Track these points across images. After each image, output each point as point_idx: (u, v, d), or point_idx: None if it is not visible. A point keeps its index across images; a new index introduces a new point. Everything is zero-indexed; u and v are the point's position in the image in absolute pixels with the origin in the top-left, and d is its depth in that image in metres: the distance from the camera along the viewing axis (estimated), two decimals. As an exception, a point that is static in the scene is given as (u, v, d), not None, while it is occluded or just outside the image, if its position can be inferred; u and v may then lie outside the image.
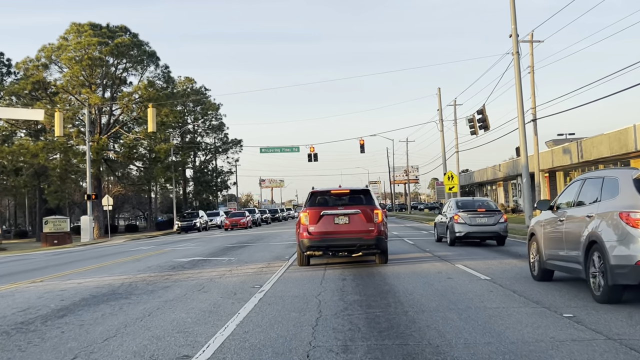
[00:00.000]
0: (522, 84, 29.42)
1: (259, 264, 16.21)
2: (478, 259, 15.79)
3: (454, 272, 12.76)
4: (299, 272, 13.75)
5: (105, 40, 56.53)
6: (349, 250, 14.52)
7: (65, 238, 48.78)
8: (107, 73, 57.74)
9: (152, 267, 17.03)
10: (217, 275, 13.78)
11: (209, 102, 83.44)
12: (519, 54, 29.48)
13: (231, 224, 51.85)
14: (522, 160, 29.42)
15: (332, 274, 13.08)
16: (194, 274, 14.34)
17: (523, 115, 29.37)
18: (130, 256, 22.72)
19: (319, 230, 14.28)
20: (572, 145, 40.99)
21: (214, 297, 10.34)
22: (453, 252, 18.33)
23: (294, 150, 54.19)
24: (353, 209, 14.32)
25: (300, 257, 15.04)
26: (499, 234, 20.84)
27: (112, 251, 28.24)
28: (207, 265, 16.55)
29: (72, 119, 56.99)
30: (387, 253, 15.04)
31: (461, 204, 22.08)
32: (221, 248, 24.33)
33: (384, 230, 14.42)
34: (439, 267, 13.83)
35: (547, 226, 10.42)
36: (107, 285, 12.86)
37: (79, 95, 56.41)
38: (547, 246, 10.30)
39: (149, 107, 30.57)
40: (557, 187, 48.77)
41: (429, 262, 15.26)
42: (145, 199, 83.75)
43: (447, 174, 44.73)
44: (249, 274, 13.79)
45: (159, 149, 57.45)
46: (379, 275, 12.58)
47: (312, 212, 14.44)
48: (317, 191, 15.26)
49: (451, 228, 21.16)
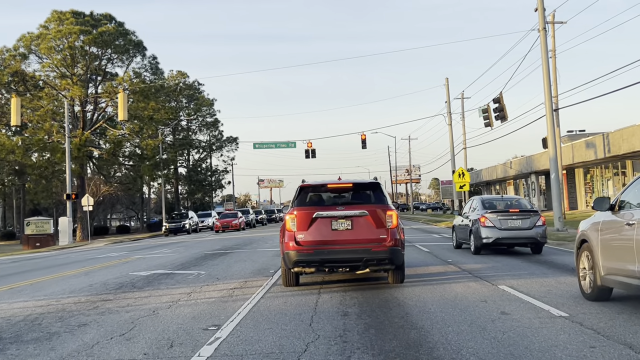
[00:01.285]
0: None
1: (232, 282, 12.27)
2: (524, 275, 11.86)
3: (504, 301, 8.82)
4: (282, 298, 9.82)
5: (88, 29, 52.52)
6: (351, 267, 10.60)
7: (47, 240, 45.17)
8: (91, 64, 53.69)
9: (95, 284, 13.10)
10: (167, 303, 9.84)
11: (203, 97, 79.41)
12: (545, 30, 25.55)
13: (222, 225, 47.85)
14: (551, 151, 25.46)
15: (328, 304, 9.14)
16: (137, 300, 10.40)
17: (551, 101, 25.46)
18: (86, 267, 18.77)
19: (310, 239, 10.35)
20: (596, 139, 37.02)
21: (133, 353, 6.40)
22: (483, 263, 14.40)
23: (290, 145, 50.17)
24: (358, 210, 10.39)
25: (285, 275, 11.09)
26: (536, 240, 16.89)
27: (77, 258, 24.30)
28: (164, 284, 12.61)
29: (54, 113, 52.91)
30: (404, 269, 11.11)
31: (488, 203, 18.14)
32: (198, 256, 20.38)
33: (399, 238, 10.48)
34: (479, 291, 9.89)
35: (608, 232, 8.10)
36: (3, 319, 8.95)
37: (59, 87, 52.38)
38: (608, 257, 7.97)
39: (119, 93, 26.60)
40: (576, 186, 44.83)
41: (459, 280, 11.33)
42: (138, 199, 79.74)
43: (457, 171, 40.69)
44: (212, 301, 9.84)
45: (145, 145, 53.37)
46: (397, 307, 8.64)
47: (302, 213, 10.51)
48: (308, 185, 11.29)
49: (476, 233, 17.22)
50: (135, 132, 56.39)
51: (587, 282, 8.58)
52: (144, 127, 57.09)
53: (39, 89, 52.92)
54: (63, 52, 51.42)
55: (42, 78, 52.25)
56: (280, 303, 9.34)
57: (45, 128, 50.39)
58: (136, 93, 54.03)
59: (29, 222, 47.02)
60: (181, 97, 77.18)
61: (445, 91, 47.40)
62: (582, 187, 45.20)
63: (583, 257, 8.80)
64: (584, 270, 8.75)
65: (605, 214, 8.28)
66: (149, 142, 53.36)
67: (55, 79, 53.14)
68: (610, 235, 7.98)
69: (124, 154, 60.73)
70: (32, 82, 52.75)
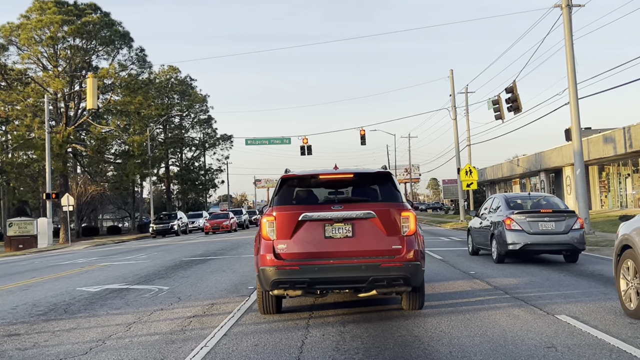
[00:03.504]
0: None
1: (195, 305, 9.34)
2: (578, 296, 8.96)
3: (581, 347, 5.93)
4: (254, 337, 6.89)
5: (71, 19, 49.49)
6: (353, 288, 7.68)
7: (31, 242, 42.57)
8: (74, 56, 50.62)
9: (22, 306, 10.16)
10: (89, 343, 6.91)
11: (195, 93, 76.35)
12: (569, 7, 22.66)
13: (212, 227, 44.84)
14: (575, 144, 22.54)
15: (319, 348, 6.23)
16: (52, 336, 7.47)
17: (575, 87, 22.54)
18: (37, 277, 15.79)
19: (295, 251, 7.44)
20: (616, 133, 34.12)
21: None
22: (516, 277, 11.49)
23: (284, 141, 47.10)
24: (362, 210, 7.47)
25: (262, 298, 8.15)
26: (573, 246, 13.99)
27: (40, 265, 21.36)
28: (108, 306, 9.65)
29: (35, 107, 49.77)
30: (423, 291, 8.17)
31: (514, 202, 15.24)
32: (172, 264, 17.42)
33: (419, 249, 7.56)
34: (533, 326, 6.97)
35: None
36: None
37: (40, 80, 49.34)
38: None
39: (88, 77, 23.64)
40: (590, 184, 41.92)
41: (497, 305, 8.41)
42: (130, 198, 76.64)
43: (464, 168, 37.80)
44: (153, 341, 6.89)
45: (131, 142, 50.31)
46: (423, 356, 5.71)
47: (284, 215, 7.58)
48: (292, 176, 8.26)
49: (500, 237, 14.32)
50: (121, 129, 53.41)
51: (632, 297, 7.31)
52: (131, 123, 54.12)
53: (18, 82, 49.91)
54: (44, 43, 48.42)
55: (22, 70, 49.17)
56: (249, 346, 6.41)
57: (25, 123, 47.41)
58: (122, 87, 51.09)
59: (11, 223, 44.35)
60: (172, 92, 74.09)
61: (450, 84, 44.49)
62: (596, 185, 42.34)
63: (624, 268, 7.57)
64: (628, 284, 7.45)
65: None
66: (135, 139, 50.32)
67: (37, 72, 50.16)
68: None
69: (112, 151, 57.79)
70: (12, 75, 49.70)
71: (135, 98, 50.78)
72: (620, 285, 7.68)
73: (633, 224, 7.58)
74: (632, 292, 7.35)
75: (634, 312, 7.28)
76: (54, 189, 46.32)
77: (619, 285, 7.69)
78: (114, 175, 60.44)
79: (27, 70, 50.09)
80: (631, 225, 7.61)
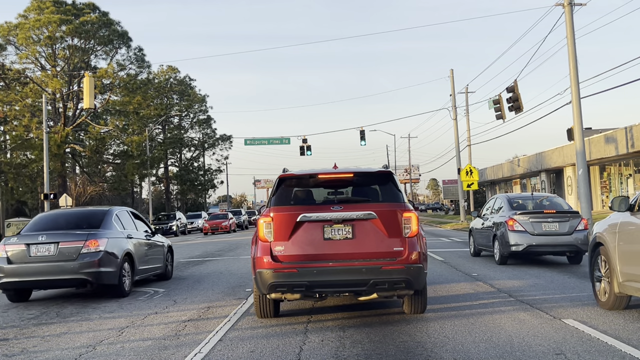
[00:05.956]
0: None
1: (190, 308, 9.09)
2: (584, 299, 8.71)
3: (591, 353, 5.68)
4: (250, 342, 6.64)
5: (69, 18, 49.25)
6: (353, 291, 7.43)
7: (29, 243, 42.01)
8: (72, 56, 50.38)
9: (11, 310, 9.91)
10: (79, 348, 6.65)
11: (194, 93, 76.06)
12: (571, 5, 22.42)
13: (211, 227, 44.57)
14: (578, 144, 22.30)
15: (318, 354, 5.98)
16: (44, 340, 7.21)
17: (578, 86, 22.30)
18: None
19: (293, 253, 7.19)
20: (618, 133, 33.88)
21: None
22: (520, 279, 11.24)
23: (283, 141, 46.80)
24: (362, 211, 7.21)
25: (259, 302, 7.89)
26: (578, 247, 13.76)
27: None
28: (102, 309, 9.40)
29: (33, 107, 49.52)
30: (426, 294, 7.92)
31: (517, 203, 15.02)
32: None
33: (421, 251, 7.30)
34: (540, 330, 6.72)
35: (627, 234, 7.37)
36: None
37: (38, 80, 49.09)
38: (627, 263, 7.24)
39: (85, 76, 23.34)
40: (591, 184, 41.65)
41: (501, 308, 8.16)
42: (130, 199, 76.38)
43: (464, 169, 37.57)
44: (145, 347, 6.64)
45: (130, 142, 50.04)
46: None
47: (281, 216, 7.34)
48: (290, 175, 8.02)
49: (503, 238, 14.07)
50: (120, 129, 53.16)
51: (602, 289, 7.93)
52: (129, 123, 53.86)
53: (16, 82, 49.66)
54: (42, 43, 48.18)
55: (20, 70, 48.95)
56: (244, 353, 6.16)
57: (23, 123, 47.17)
58: (120, 87, 50.85)
59: (9, 224, 43.88)
60: (171, 92, 73.82)
61: (450, 84, 44.24)
62: (597, 185, 42.10)
63: (598, 262, 8.12)
64: (598, 277, 8.08)
65: (623, 215, 7.60)
66: (133, 139, 50.07)
67: (35, 72, 49.93)
68: (630, 238, 7.30)
69: (110, 151, 57.53)
70: (10, 75, 49.45)
71: (134, 98, 50.57)
72: (593, 279, 8.27)
73: (606, 223, 8.03)
74: (603, 285, 7.91)
75: (605, 304, 7.81)
76: (53, 190, 46.01)
77: (593, 279, 8.28)
78: (112, 176, 60.18)
79: (25, 70, 49.92)
80: (604, 224, 8.07)
